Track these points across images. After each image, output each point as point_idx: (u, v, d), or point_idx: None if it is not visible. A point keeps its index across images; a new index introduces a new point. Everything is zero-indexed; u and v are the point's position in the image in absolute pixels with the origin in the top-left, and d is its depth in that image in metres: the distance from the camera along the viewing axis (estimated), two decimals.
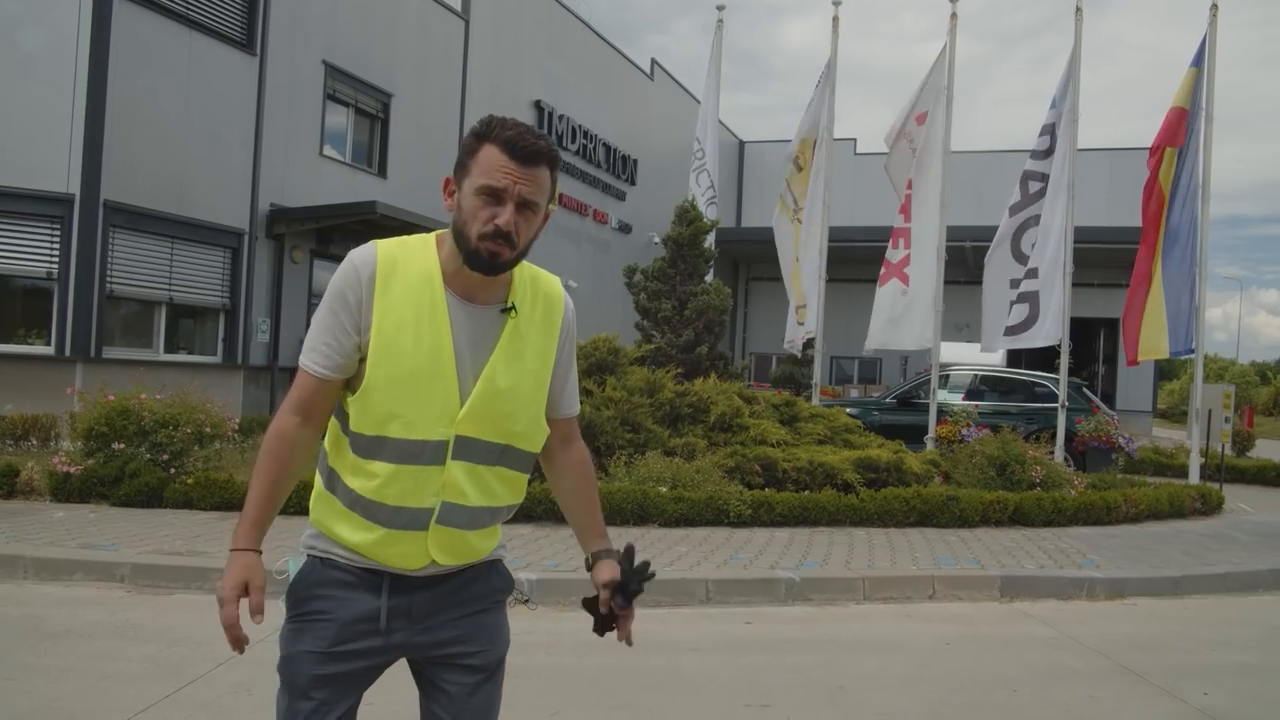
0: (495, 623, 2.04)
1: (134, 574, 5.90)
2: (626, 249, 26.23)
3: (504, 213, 1.78)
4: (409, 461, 1.82)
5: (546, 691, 4.26)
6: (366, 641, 1.86)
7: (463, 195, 1.82)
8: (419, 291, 1.83)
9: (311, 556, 1.92)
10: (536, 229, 1.86)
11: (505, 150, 1.79)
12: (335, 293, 1.84)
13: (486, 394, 1.85)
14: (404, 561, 1.87)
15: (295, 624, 1.90)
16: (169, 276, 13.48)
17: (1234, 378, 54.40)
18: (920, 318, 12.95)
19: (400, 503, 1.83)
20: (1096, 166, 25.99)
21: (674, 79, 31.21)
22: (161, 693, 4.02)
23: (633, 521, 7.82)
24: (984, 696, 4.47)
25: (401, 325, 1.81)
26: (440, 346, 1.82)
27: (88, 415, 8.18)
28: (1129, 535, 8.53)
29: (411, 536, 1.85)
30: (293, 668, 1.88)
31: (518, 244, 1.81)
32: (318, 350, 1.84)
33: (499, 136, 1.80)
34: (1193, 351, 12.03)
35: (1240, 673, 5.00)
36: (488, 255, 1.79)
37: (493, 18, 21.52)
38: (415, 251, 1.87)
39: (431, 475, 1.84)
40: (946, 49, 13.19)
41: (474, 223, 1.79)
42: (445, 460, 1.84)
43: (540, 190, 1.82)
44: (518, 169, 1.79)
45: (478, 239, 1.79)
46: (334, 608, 1.86)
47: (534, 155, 1.80)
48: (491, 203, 1.79)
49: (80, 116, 12.02)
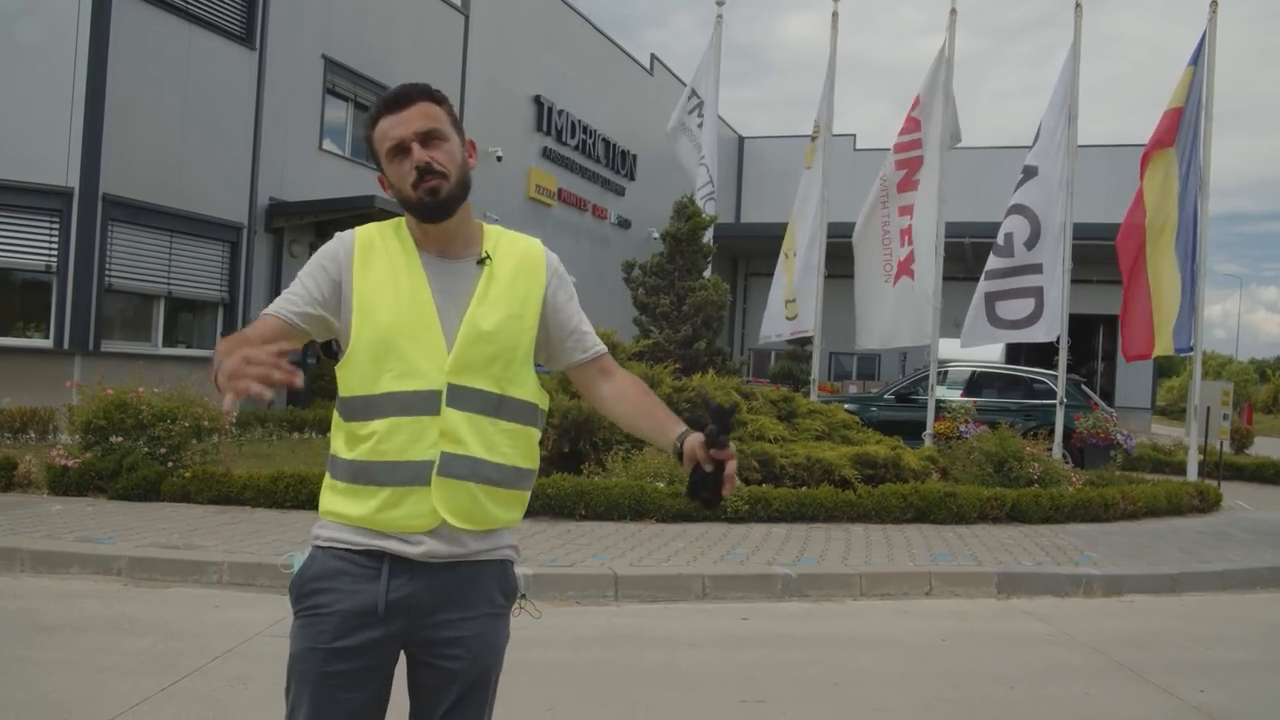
0: (491, 631, 1.97)
1: (131, 567, 5.89)
2: (625, 244, 26.21)
3: (413, 153, 1.86)
4: (404, 413, 1.83)
5: (543, 686, 4.26)
6: (367, 634, 1.83)
7: (388, 173, 1.91)
8: (394, 257, 1.91)
9: (315, 548, 1.91)
10: (461, 155, 1.91)
11: (384, 113, 1.89)
12: (313, 261, 1.95)
13: (470, 337, 1.87)
14: (413, 522, 1.82)
15: (299, 620, 1.89)
16: (168, 270, 13.47)
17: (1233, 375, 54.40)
18: (920, 314, 12.95)
19: (400, 456, 1.82)
20: (1095, 163, 25.95)
21: (673, 74, 31.16)
22: (157, 686, 4.02)
23: (630, 517, 7.82)
24: (980, 693, 4.47)
25: (380, 285, 1.88)
26: (419, 298, 1.87)
27: (86, 409, 8.17)
28: (1127, 532, 8.54)
29: (416, 494, 1.82)
30: (304, 665, 1.87)
31: (447, 171, 1.87)
32: (283, 299, 1.92)
33: (378, 108, 1.91)
34: (1191, 349, 12.04)
35: (1237, 670, 5.00)
36: (428, 194, 1.86)
37: (492, 12, 21.49)
38: (390, 228, 1.98)
39: (427, 426, 1.83)
40: (946, 45, 13.17)
41: (402, 182, 1.88)
42: (440, 409, 1.84)
43: (431, 119, 1.88)
44: (399, 115, 1.87)
45: (412, 189, 1.86)
46: (333, 601, 1.84)
47: (404, 98, 1.88)
48: (402, 156, 1.87)
49: (80, 110, 12.01)
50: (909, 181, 13.32)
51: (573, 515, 7.79)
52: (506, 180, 22.04)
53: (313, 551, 1.92)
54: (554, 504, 7.80)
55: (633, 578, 5.96)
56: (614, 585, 5.92)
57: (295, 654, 1.88)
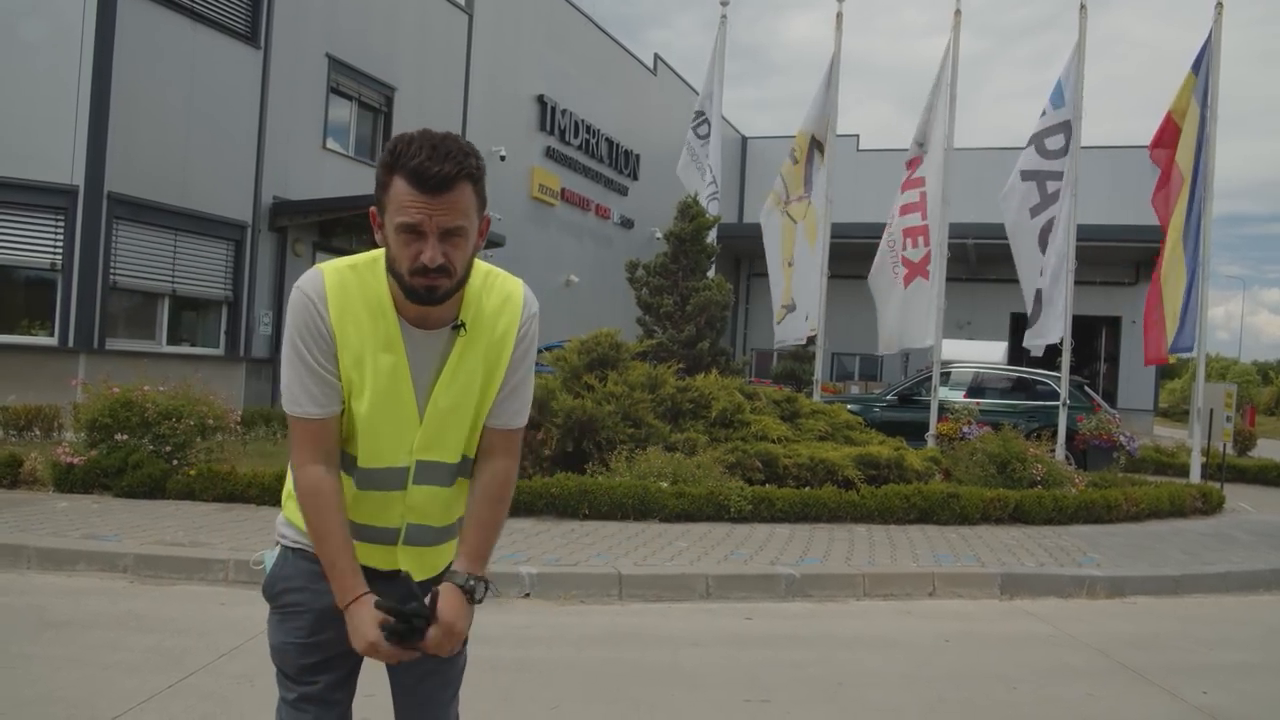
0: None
1: (136, 564, 5.91)
2: (628, 244, 26.22)
3: (427, 249, 1.70)
4: (374, 487, 1.88)
5: (546, 685, 4.27)
6: (340, 629, 1.85)
7: (386, 231, 1.75)
8: (374, 323, 1.79)
9: (284, 547, 1.95)
10: (472, 247, 1.79)
11: (413, 182, 1.68)
12: (299, 329, 1.78)
13: (437, 416, 1.86)
14: (373, 562, 1.91)
15: (276, 615, 1.96)
16: (172, 268, 13.49)
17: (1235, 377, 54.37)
18: (925, 315, 12.96)
19: (368, 522, 1.90)
20: (1099, 164, 25.93)
21: (676, 74, 31.18)
22: (164, 683, 4.04)
23: (633, 517, 7.83)
24: (983, 693, 4.48)
25: (359, 360, 1.79)
26: (399, 378, 1.82)
27: (91, 406, 8.19)
28: (1129, 534, 8.54)
29: (380, 549, 1.92)
30: (281, 657, 1.95)
31: (454, 271, 1.74)
32: (307, 394, 1.79)
33: (405, 166, 1.68)
34: (1190, 350, 12.04)
35: (1239, 672, 5.01)
36: (424, 290, 1.73)
37: (495, 11, 21.50)
38: (365, 275, 1.81)
39: (394, 500, 1.89)
40: (950, 46, 13.17)
41: (402, 261, 1.72)
42: (406, 485, 1.88)
43: (461, 213, 1.72)
44: (430, 200, 1.68)
45: (410, 276, 1.72)
46: (307, 599, 1.91)
47: (443, 183, 1.68)
48: (413, 239, 1.70)
49: (84, 108, 12.03)
50: (910, 181, 13.34)
51: (576, 515, 7.80)
52: (509, 180, 22.04)
53: (283, 550, 1.96)
54: (558, 503, 7.82)
55: (636, 577, 5.98)
56: (618, 585, 5.94)
57: (274, 646, 1.96)
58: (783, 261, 14.30)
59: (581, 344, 9.84)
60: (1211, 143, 11.78)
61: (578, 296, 24.43)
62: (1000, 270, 16.89)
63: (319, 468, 1.81)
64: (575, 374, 9.53)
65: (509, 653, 4.66)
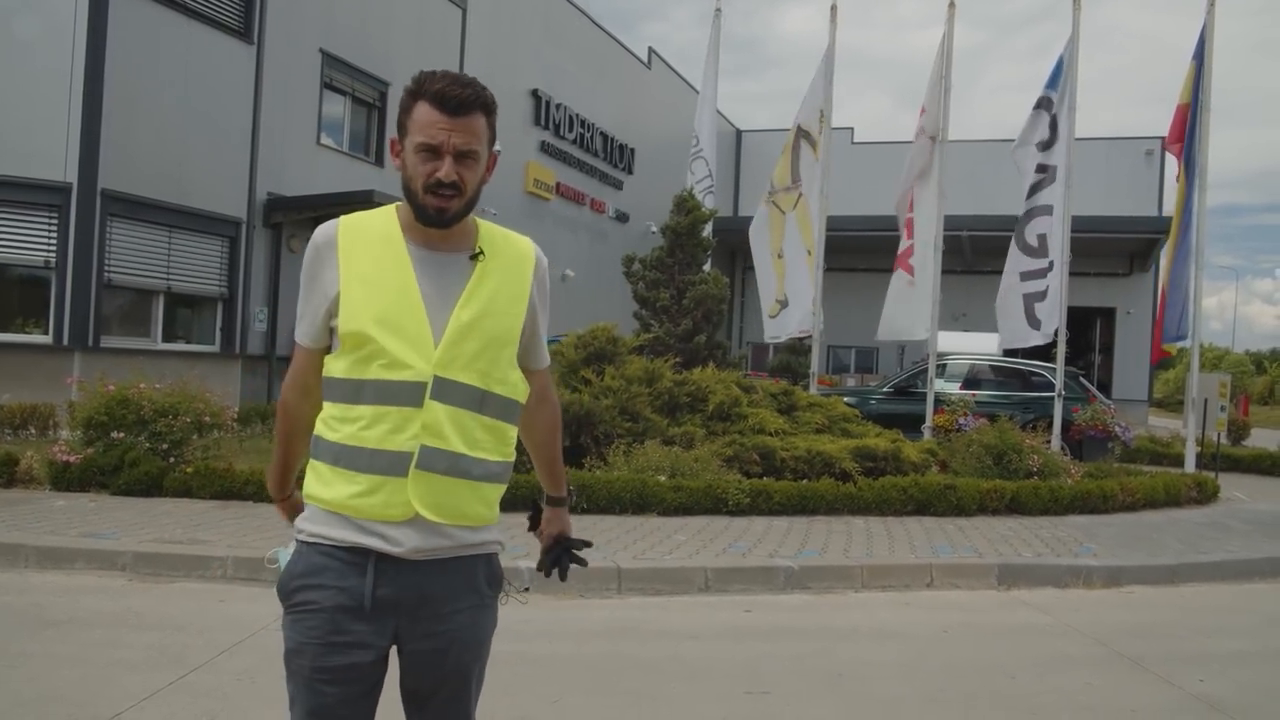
0: (478, 622, 1.97)
1: (135, 562, 5.91)
2: (624, 238, 26.20)
3: (443, 166, 1.85)
4: (388, 402, 1.84)
5: (548, 679, 4.28)
6: (357, 629, 1.85)
7: (406, 154, 1.89)
8: (380, 248, 1.91)
9: (299, 543, 1.92)
10: (482, 175, 1.93)
11: (436, 104, 1.85)
12: (306, 267, 1.97)
13: (458, 332, 1.88)
14: (387, 511, 1.84)
15: (290, 615, 1.92)
16: (167, 265, 13.46)
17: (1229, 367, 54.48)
18: (918, 307, 12.98)
19: (379, 445, 1.84)
20: (1094, 156, 25.95)
21: (671, 68, 31.14)
22: (165, 680, 4.04)
23: (631, 510, 7.84)
24: (982, 684, 4.50)
25: (365, 277, 1.89)
26: (406, 288, 1.87)
27: (87, 404, 8.18)
28: (1125, 524, 8.57)
29: (392, 484, 1.84)
30: (298, 660, 1.89)
31: (464, 191, 1.88)
32: (300, 322, 1.99)
33: (428, 91, 1.86)
34: (1181, 339, 12.06)
35: (1236, 660, 5.03)
36: (435, 209, 1.87)
37: (490, 6, 21.45)
38: (376, 217, 1.97)
39: (410, 417, 1.84)
40: (945, 39, 13.17)
41: (417, 179, 1.86)
42: (424, 401, 1.85)
43: (476, 138, 1.88)
44: (450, 121, 1.85)
45: (424, 193, 1.86)
46: (322, 597, 1.85)
47: (463, 105, 1.86)
48: (431, 158, 1.86)
49: (78, 105, 11.99)
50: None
51: (574, 509, 7.77)
52: (504, 174, 22.00)
53: (298, 547, 1.92)
54: None
55: (636, 571, 5.99)
56: (617, 578, 5.95)
57: (290, 649, 1.91)
58: (772, 254, 14.28)
59: (578, 338, 9.85)
60: (1205, 133, 11.79)
61: (574, 291, 24.40)
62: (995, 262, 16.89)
63: (294, 394, 2.03)
64: (572, 368, 9.53)
65: (509, 646, 4.65)
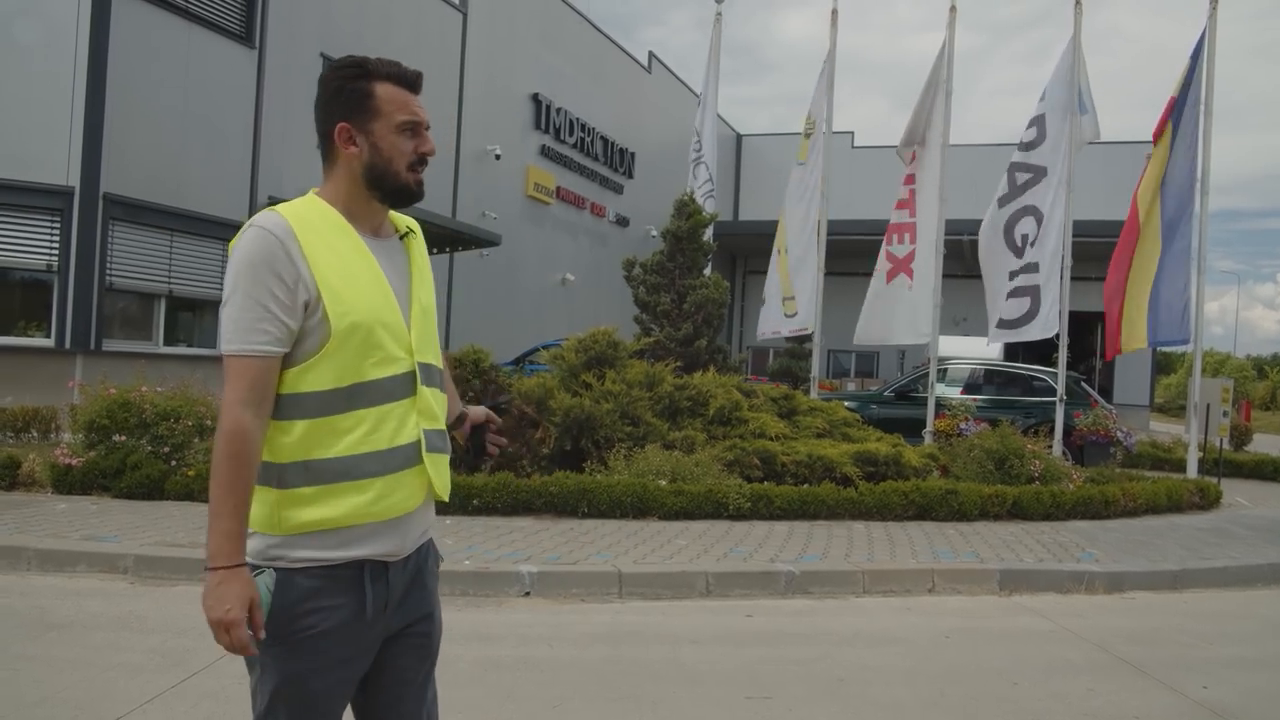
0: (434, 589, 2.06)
1: (137, 565, 5.91)
2: (624, 242, 26.22)
3: (427, 140, 1.91)
4: (390, 399, 1.85)
5: (549, 683, 4.28)
6: (361, 639, 1.86)
7: (377, 137, 1.86)
8: (339, 239, 1.84)
9: (282, 571, 1.79)
10: None
11: (400, 84, 1.89)
12: (257, 264, 1.74)
13: (420, 315, 1.93)
14: (408, 503, 1.88)
15: (287, 645, 1.79)
16: (168, 269, 13.48)
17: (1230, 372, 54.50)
18: (920, 312, 12.98)
19: (392, 444, 1.84)
20: (1093, 160, 25.95)
21: (671, 72, 31.19)
22: (167, 683, 4.04)
23: (632, 515, 7.84)
24: (984, 689, 4.50)
25: (342, 273, 1.81)
26: (379, 282, 1.87)
27: (89, 408, 8.18)
28: (1127, 529, 8.56)
29: (409, 475, 1.87)
30: (299, 688, 1.81)
31: None
32: (258, 330, 1.73)
33: (386, 73, 1.88)
34: (1182, 342, 12.04)
35: (1239, 666, 5.03)
36: (417, 183, 1.91)
37: (489, 10, 21.49)
38: (310, 208, 1.86)
39: (409, 408, 1.88)
40: (946, 43, 13.19)
41: (400, 158, 1.87)
42: (416, 388, 1.89)
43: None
44: (417, 99, 1.91)
45: (406, 171, 1.88)
46: (321, 620, 1.80)
47: (419, 81, 1.92)
48: (413, 135, 1.89)
49: (80, 109, 12.02)
50: (905, 177, 13.37)
51: (575, 513, 7.81)
52: (504, 178, 22.04)
53: (280, 576, 1.78)
54: (557, 502, 7.82)
55: (637, 575, 5.99)
56: (618, 583, 5.95)
57: (286, 680, 1.80)
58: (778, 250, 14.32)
59: (579, 342, 9.85)
60: (1207, 137, 11.78)
61: (574, 295, 24.44)
62: None
63: (249, 412, 1.73)
64: (573, 372, 9.54)
65: (510, 651, 4.67)
